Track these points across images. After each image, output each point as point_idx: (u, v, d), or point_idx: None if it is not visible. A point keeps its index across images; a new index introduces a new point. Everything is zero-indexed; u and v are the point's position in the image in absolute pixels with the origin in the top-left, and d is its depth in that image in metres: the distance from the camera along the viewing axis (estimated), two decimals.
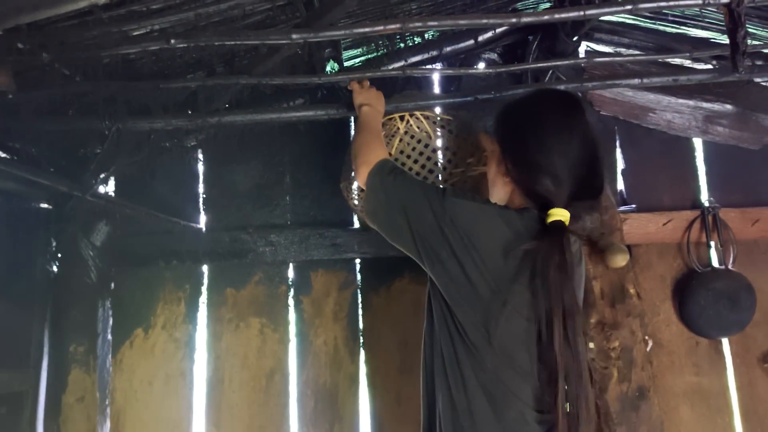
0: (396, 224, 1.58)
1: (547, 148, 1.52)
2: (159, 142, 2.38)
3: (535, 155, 1.53)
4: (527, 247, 1.44)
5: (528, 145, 1.55)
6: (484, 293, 1.45)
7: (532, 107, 1.63)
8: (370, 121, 1.93)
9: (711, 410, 2.60)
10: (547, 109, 1.59)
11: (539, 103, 1.63)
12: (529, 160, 1.54)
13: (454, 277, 1.47)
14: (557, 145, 1.52)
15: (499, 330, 1.44)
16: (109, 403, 2.58)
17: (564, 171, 1.50)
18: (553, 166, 1.50)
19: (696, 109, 2.78)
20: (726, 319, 2.58)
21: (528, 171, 1.55)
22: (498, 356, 1.45)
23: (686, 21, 2.53)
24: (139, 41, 1.56)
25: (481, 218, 1.49)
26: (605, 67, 2.65)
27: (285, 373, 2.64)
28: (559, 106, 1.59)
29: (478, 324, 1.45)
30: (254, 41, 1.60)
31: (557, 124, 1.54)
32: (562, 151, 1.51)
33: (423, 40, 2.65)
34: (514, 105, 1.68)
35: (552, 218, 1.48)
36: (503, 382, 1.45)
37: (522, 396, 1.45)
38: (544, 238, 1.45)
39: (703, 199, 2.74)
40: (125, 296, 2.68)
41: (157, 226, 2.65)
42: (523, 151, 1.56)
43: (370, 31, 1.63)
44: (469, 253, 1.45)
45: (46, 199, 2.44)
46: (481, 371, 1.45)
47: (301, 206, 2.76)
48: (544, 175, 1.51)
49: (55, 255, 2.54)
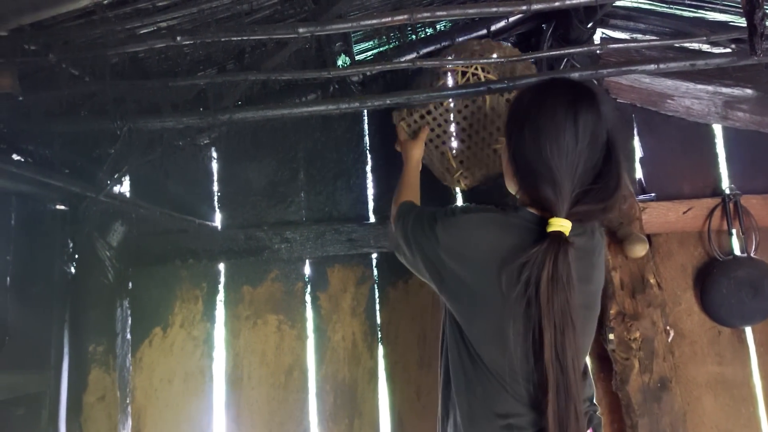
0: (414, 262, 1.66)
1: (546, 151, 1.42)
2: (172, 141, 2.38)
3: (534, 159, 1.45)
4: (523, 259, 1.39)
5: (527, 148, 1.47)
6: (484, 306, 1.46)
7: (532, 103, 1.51)
8: (408, 168, 2.17)
9: (735, 400, 2.56)
10: (548, 105, 1.46)
11: (540, 98, 1.50)
12: (530, 165, 1.47)
13: (458, 296, 1.51)
14: (556, 148, 1.42)
15: (496, 340, 1.44)
16: (129, 401, 2.60)
17: (566, 177, 1.41)
18: (551, 172, 1.42)
19: (715, 94, 2.72)
20: (749, 308, 2.54)
21: (528, 176, 1.48)
22: (498, 366, 1.46)
23: (703, 4, 2.48)
24: (145, 39, 1.55)
25: (473, 232, 1.49)
26: (621, 53, 2.60)
27: (303, 369, 2.64)
28: (560, 102, 1.45)
29: (482, 336, 1.47)
30: (260, 36, 1.59)
31: (556, 123, 1.43)
32: (561, 154, 1.41)
33: (435, 31, 2.63)
34: (519, 98, 1.59)
35: (551, 228, 1.41)
36: (503, 390, 1.46)
37: (519, 403, 1.47)
38: (540, 248, 1.39)
39: (724, 186, 2.69)
40: (143, 295, 2.68)
41: (173, 225, 2.65)
42: (523, 154, 1.48)
43: (378, 23, 1.61)
44: (466, 269, 1.47)
45: (61, 201, 2.44)
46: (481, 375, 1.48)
47: (316, 202, 2.75)
48: (543, 182, 1.44)
49: (73, 256, 2.55)
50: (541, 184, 1.44)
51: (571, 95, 1.47)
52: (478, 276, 1.45)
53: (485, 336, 1.47)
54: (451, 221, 1.52)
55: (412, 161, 2.19)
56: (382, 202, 2.71)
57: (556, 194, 1.42)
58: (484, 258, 1.45)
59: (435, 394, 1.68)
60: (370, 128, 2.77)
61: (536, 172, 1.45)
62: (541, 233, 1.44)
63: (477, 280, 1.46)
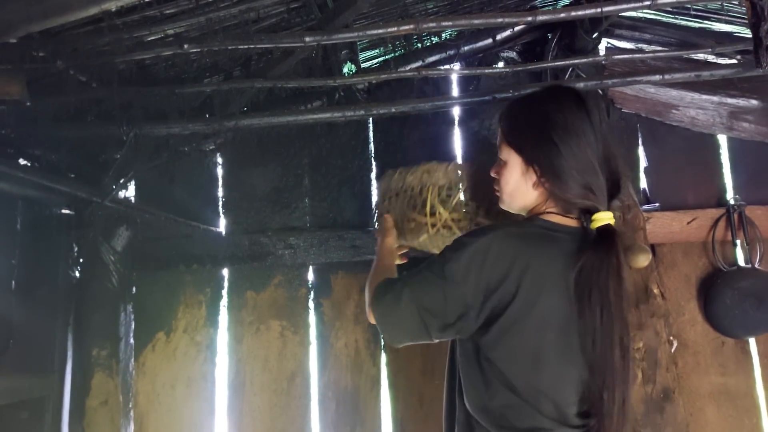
0: (421, 329, 1.46)
1: (580, 152, 1.44)
2: (177, 147, 2.40)
3: (570, 163, 1.44)
4: (579, 265, 1.37)
5: (561, 154, 1.45)
6: (520, 325, 1.39)
7: (548, 111, 1.50)
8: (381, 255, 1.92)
9: (738, 411, 2.55)
10: (566, 109, 1.48)
11: (555, 105, 1.50)
12: (565, 169, 1.45)
13: (488, 326, 1.41)
14: (587, 147, 1.45)
15: (529, 356, 1.40)
16: (132, 406, 2.60)
17: (599, 173, 1.45)
18: (590, 172, 1.44)
19: (720, 105, 2.72)
20: (753, 319, 2.52)
21: (567, 180, 1.46)
22: (525, 382, 1.41)
23: (709, 15, 2.48)
24: (152, 47, 1.56)
25: (498, 252, 1.41)
26: (626, 63, 2.61)
27: (306, 376, 2.64)
28: (573, 104, 1.48)
29: (511, 354, 1.42)
30: (267, 45, 1.60)
31: (581, 124, 1.46)
32: (592, 152, 1.45)
33: (440, 40, 2.64)
34: (526, 108, 1.57)
35: (599, 223, 1.43)
36: (526, 405, 1.41)
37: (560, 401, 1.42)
38: (594, 248, 1.39)
39: (729, 196, 2.68)
40: (146, 300, 2.69)
41: (177, 230, 2.66)
42: (555, 160, 1.46)
43: (384, 33, 1.62)
44: (500, 294, 1.39)
45: (67, 205, 2.45)
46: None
47: (320, 209, 2.76)
48: (583, 184, 1.44)
49: (77, 260, 2.56)
50: (580, 186, 1.45)
51: (575, 96, 1.51)
52: (515, 297, 1.39)
53: (515, 354, 1.41)
54: (466, 253, 1.42)
55: (384, 248, 1.95)
56: None
57: (596, 190, 1.45)
58: (520, 276, 1.39)
59: (438, 403, 1.65)
60: (375, 136, 2.78)
61: (574, 173, 1.45)
62: (574, 238, 1.45)
63: (514, 302, 1.39)
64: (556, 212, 1.49)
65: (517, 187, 1.55)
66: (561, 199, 1.48)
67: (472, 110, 2.74)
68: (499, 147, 1.57)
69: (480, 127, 2.75)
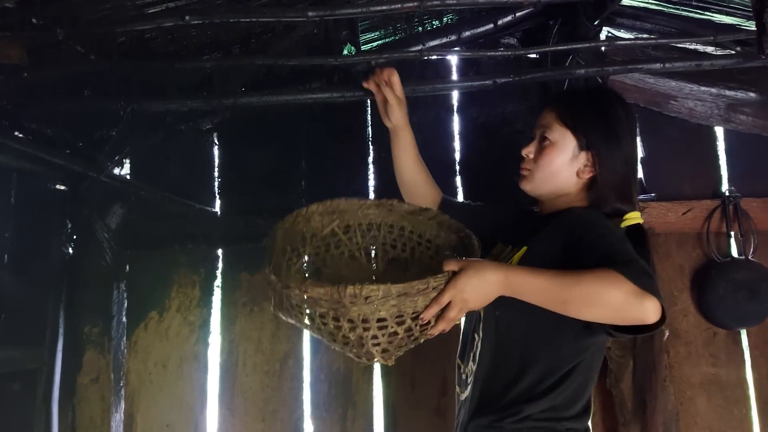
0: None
1: (632, 150, 1.60)
2: (174, 125, 2.38)
3: (623, 156, 1.56)
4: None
5: (620, 145, 1.56)
6: None
7: (613, 103, 1.61)
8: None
9: (728, 401, 2.56)
10: (627, 109, 1.62)
11: (618, 101, 1.63)
12: (617, 162, 1.55)
13: None
14: (636, 148, 1.63)
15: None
16: (123, 384, 2.59)
17: (636, 173, 1.63)
18: (632, 170, 1.59)
19: (719, 96, 2.72)
20: (745, 310, 2.54)
21: (613, 172, 1.55)
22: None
23: (710, 6, 2.48)
24: (153, 17, 1.55)
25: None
26: (626, 51, 2.60)
27: (299, 358, 2.63)
28: (628, 108, 1.64)
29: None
30: (270, 18, 1.59)
31: (634, 127, 1.63)
32: (636, 154, 1.63)
33: (441, 24, 2.62)
34: (589, 98, 1.66)
35: (633, 221, 1.51)
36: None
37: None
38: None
39: (724, 188, 2.69)
40: (140, 279, 2.68)
41: (172, 209, 2.64)
42: (615, 150, 1.55)
43: (388, 9, 1.61)
44: None
45: (61, 180, 2.43)
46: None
47: (317, 191, 2.73)
48: (624, 178, 1.56)
49: (71, 237, 2.54)
50: (621, 177, 1.55)
51: (625, 101, 1.68)
52: None
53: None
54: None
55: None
56: (382, 195, 2.69)
57: (632, 187, 1.58)
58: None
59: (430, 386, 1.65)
60: (373, 119, 2.76)
61: (622, 167, 1.56)
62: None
63: None
64: (584, 207, 1.56)
65: (560, 169, 1.58)
66: (597, 191, 1.55)
67: (472, 97, 2.73)
68: (548, 127, 1.60)
69: (479, 113, 2.74)
